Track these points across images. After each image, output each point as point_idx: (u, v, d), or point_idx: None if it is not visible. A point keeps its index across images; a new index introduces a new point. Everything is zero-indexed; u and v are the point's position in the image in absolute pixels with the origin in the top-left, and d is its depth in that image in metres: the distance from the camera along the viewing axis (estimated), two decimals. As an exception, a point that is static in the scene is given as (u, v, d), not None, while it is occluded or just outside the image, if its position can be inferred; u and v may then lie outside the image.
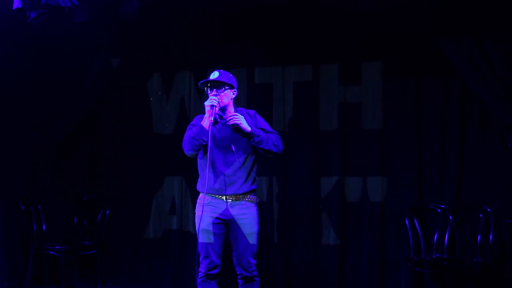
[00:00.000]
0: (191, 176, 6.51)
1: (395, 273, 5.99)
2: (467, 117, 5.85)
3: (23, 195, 6.40)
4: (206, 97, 4.53)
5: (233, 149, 4.53)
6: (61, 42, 6.25)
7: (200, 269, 4.60)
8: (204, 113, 4.52)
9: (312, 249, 6.22)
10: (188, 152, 4.57)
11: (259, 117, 4.72)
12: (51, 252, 6.28)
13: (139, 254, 6.79)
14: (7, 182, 6.30)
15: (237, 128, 4.48)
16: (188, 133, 4.56)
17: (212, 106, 4.46)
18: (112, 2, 5.27)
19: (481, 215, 5.67)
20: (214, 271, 4.57)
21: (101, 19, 5.51)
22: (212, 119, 4.44)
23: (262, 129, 4.60)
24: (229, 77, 4.61)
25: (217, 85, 4.56)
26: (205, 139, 4.46)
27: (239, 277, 4.64)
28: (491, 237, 5.64)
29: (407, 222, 5.86)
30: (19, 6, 4.99)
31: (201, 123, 4.49)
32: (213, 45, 6.46)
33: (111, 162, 6.93)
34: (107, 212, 6.78)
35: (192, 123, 4.69)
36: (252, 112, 4.73)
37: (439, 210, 5.84)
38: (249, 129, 4.47)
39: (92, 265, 6.77)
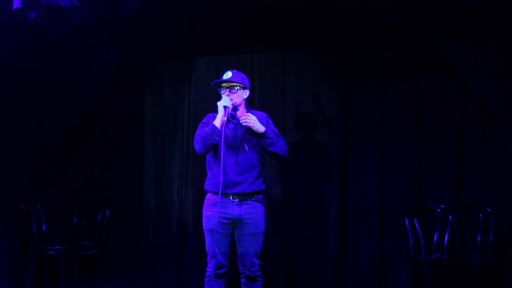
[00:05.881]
0: (192, 176, 6.55)
1: (395, 273, 5.98)
2: (467, 117, 5.85)
3: (23, 195, 6.39)
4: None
5: (246, 148, 4.56)
6: (61, 42, 6.25)
7: (207, 268, 4.63)
8: (215, 111, 4.56)
9: (312, 249, 6.22)
10: (199, 151, 4.60)
11: (270, 121, 4.78)
12: (51, 252, 6.27)
13: (139, 254, 6.79)
14: (7, 182, 6.29)
15: (249, 129, 4.52)
16: (200, 132, 4.59)
17: (225, 106, 4.49)
18: (112, 2, 5.27)
19: (481, 215, 5.67)
20: (221, 271, 4.60)
21: (101, 19, 5.52)
22: (225, 119, 4.47)
23: (273, 132, 4.64)
24: (242, 78, 4.66)
25: (230, 85, 4.60)
26: (217, 139, 4.51)
27: (242, 276, 4.66)
28: (491, 237, 5.63)
29: (407, 222, 5.86)
30: (19, 6, 4.99)
31: (214, 122, 4.52)
32: (214, 45, 6.48)
33: (111, 162, 6.93)
34: (107, 212, 6.78)
35: (203, 121, 4.73)
36: (264, 115, 4.76)
37: (439, 210, 5.84)
38: (262, 129, 4.51)
39: (92, 265, 6.77)
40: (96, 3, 5.26)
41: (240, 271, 4.67)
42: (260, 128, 4.51)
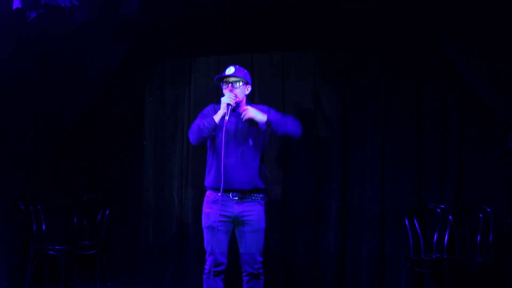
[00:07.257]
0: (192, 176, 6.55)
1: (395, 273, 5.98)
2: (467, 117, 5.84)
3: (23, 195, 6.39)
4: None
5: (251, 143, 4.55)
6: (61, 42, 6.26)
7: (205, 265, 4.62)
8: (217, 102, 4.55)
9: (312, 249, 6.22)
10: (193, 142, 4.59)
11: (272, 109, 4.74)
12: (51, 252, 6.27)
13: (139, 254, 6.79)
14: (7, 182, 6.30)
15: (251, 121, 4.50)
16: (198, 123, 4.57)
17: (228, 104, 4.48)
18: (112, 2, 5.27)
19: (481, 215, 5.66)
20: (219, 268, 4.58)
21: (101, 19, 5.52)
22: (227, 118, 4.46)
23: (278, 114, 4.64)
24: (244, 73, 4.66)
25: (233, 80, 4.59)
26: (214, 133, 4.49)
27: (244, 274, 4.64)
28: (491, 237, 5.63)
29: (407, 222, 5.86)
30: (19, 6, 4.99)
31: (214, 117, 4.51)
32: (214, 45, 6.48)
33: (111, 162, 6.93)
34: (107, 212, 6.78)
35: (203, 111, 4.71)
36: (265, 107, 4.74)
37: (439, 210, 5.84)
38: (265, 118, 4.48)
39: (92, 265, 6.77)
40: (96, 3, 5.26)
41: (242, 269, 4.65)
42: (262, 118, 4.49)
